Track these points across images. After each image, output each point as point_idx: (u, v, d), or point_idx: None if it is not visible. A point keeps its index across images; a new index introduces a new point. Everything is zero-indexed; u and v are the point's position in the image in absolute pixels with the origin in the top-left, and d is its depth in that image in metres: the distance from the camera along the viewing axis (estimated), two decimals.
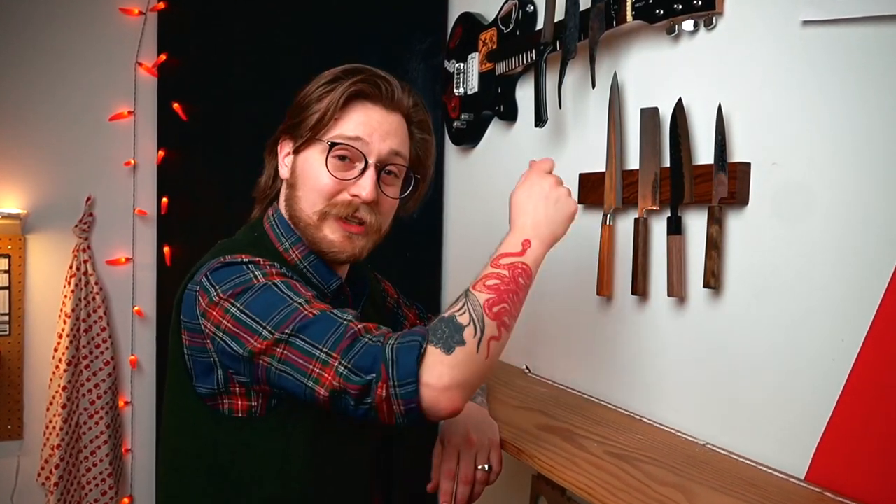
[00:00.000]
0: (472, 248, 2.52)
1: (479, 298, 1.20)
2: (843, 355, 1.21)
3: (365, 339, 1.16)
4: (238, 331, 1.21)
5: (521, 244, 1.30)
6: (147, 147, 2.73)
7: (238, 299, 1.22)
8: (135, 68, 2.72)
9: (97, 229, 2.73)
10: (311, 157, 1.39)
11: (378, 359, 1.13)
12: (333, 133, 1.38)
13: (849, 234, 1.22)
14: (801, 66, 1.30)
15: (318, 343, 1.16)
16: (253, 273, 1.26)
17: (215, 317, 1.24)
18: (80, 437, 2.66)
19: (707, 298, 1.50)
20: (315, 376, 1.15)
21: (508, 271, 1.25)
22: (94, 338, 2.69)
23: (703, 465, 1.33)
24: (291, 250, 1.43)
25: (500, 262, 1.27)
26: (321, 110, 1.37)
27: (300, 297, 1.22)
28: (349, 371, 1.14)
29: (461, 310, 1.19)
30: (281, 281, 1.24)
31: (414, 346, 1.14)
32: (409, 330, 1.18)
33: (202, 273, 1.30)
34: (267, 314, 1.20)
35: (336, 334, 1.16)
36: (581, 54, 1.77)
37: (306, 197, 1.39)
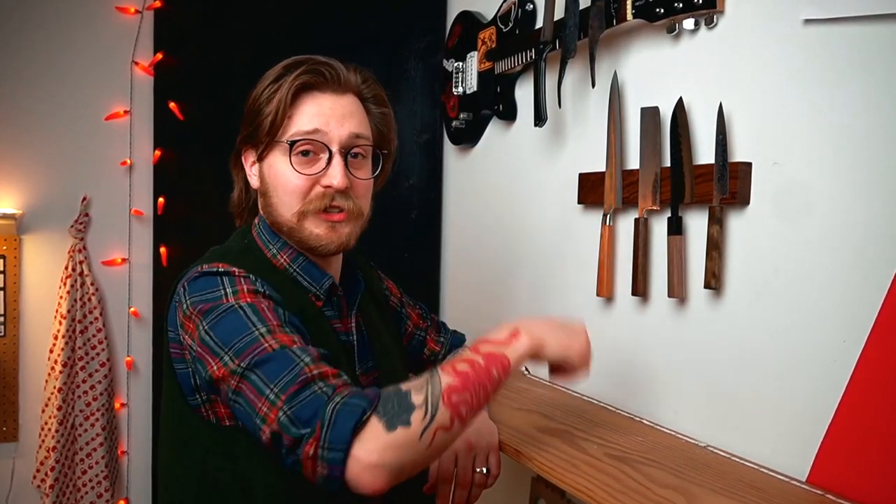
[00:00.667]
0: (471, 248, 2.52)
1: (442, 382, 1.13)
2: (844, 356, 1.21)
3: (315, 387, 1.12)
4: (202, 352, 1.21)
5: (509, 332, 1.25)
6: (143, 147, 2.72)
7: (204, 318, 1.22)
8: (131, 67, 2.72)
9: (93, 230, 2.73)
10: (275, 162, 1.38)
11: (318, 414, 1.09)
12: (290, 132, 1.36)
13: (850, 234, 1.22)
14: (803, 65, 1.30)
15: (270, 382, 1.13)
16: (224, 290, 1.25)
17: (190, 331, 1.25)
18: (75, 440, 2.65)
19: (708, 299, 1.50)
20: (262, 415, 1.12)
21: (484, 360, 1.18)
22: (89, 339, 2.68)
23: (704, 467, 1.33)
24: (279, 255, 1.42)
25: (479, 349, 1.21)
26: (272, 112, 1.36)
27: (263, 326, 1.19)
28: (288, 419, 1.10)
29: (419, 388, 1.12)
30: (248, 303, 1.23)
31: (356, 411, 1.07)
32: (361, 392, 1.12)
33: (182, 283, 1.31)
34: (228, 340, 1.18)
35: (289, 375, 1.13)
36: (581, 53, 1.77)
37: (281, 202, 1.38)
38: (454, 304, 2.66)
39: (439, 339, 1.79)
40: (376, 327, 1.56)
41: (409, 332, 1.75)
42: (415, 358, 1.77)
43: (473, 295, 2.50)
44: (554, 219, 2.01)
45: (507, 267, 2.27)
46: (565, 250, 1.97)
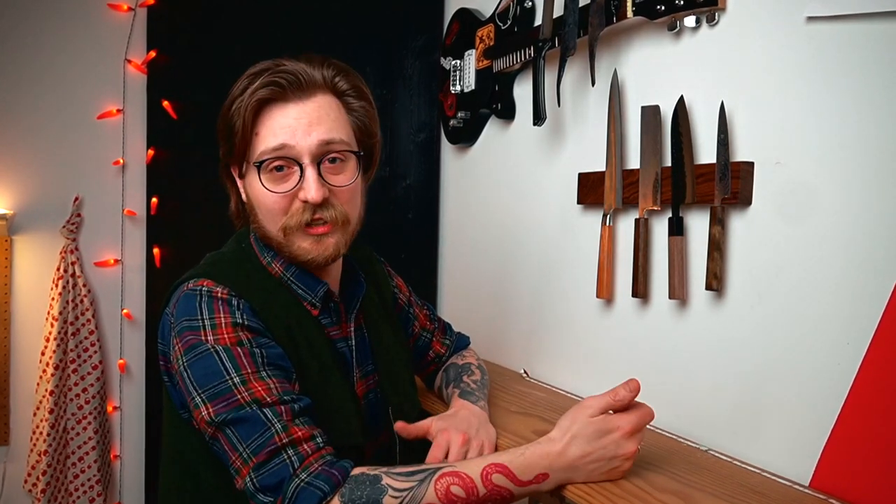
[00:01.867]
0: (469, 249, 2.51)
1: (426, 498, 1.14)
2: (848, 359, 1.20)
3: (283, 456, 1.16)
4: (182, 386, 1.26)
5: (534, 476, 1.18)
6: (136, 146, 2.72)
7: (185, 354, 1.25)
8: (124, 65, 2.71)
9: (85, 230, 2.73)
10: (252, 182, 1.36)
11: (282, 487, 1.15)
12: (259, 150, 1.33)
13: (854, 235, 1.21)
14: (806, 63, 1.30)
15: (243, 442, 1.18)
16: (202, 321, 1.26)
17: (174, 355, 1.28)
18: (67, 443, 2.65)
19: (709, 301, 1.49)
20: (236, 468, 1.19)
21: (487, 492, 1.16)
22: (81, 341, 2.68)
23: (705, 471, 1.33)
24: (273, 264, 1.42)
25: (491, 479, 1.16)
26: (238, 132, 1.33)
27: (237, 375, 1.21)
28: (254, 487, 1.16)
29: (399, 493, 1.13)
30: (224, 347, 1.24)
31: (316, 494, 1.13)
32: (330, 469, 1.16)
33: (173, 301, 1.32)
34: (203, 383, 1.22)
35: (260, 440, 1.17)
36: (580, 51, 1.76)
37: (265, 218, 1.37)
38: (452, 306, 2.66)
39: (444, 341, 1.79)
40: (378, 328, 1.56)
41: (415, 333, 1.74)
42: (420, 359, 1.77)
43: (471, 297, 2.50)
44: (553, 219, 2.01)
45: (506, 268, 2.26)
46: (565, 251, 1.96)
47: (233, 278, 1.33)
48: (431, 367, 1.79)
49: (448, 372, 1.71)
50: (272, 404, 1.20)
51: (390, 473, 1.17)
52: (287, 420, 1.19)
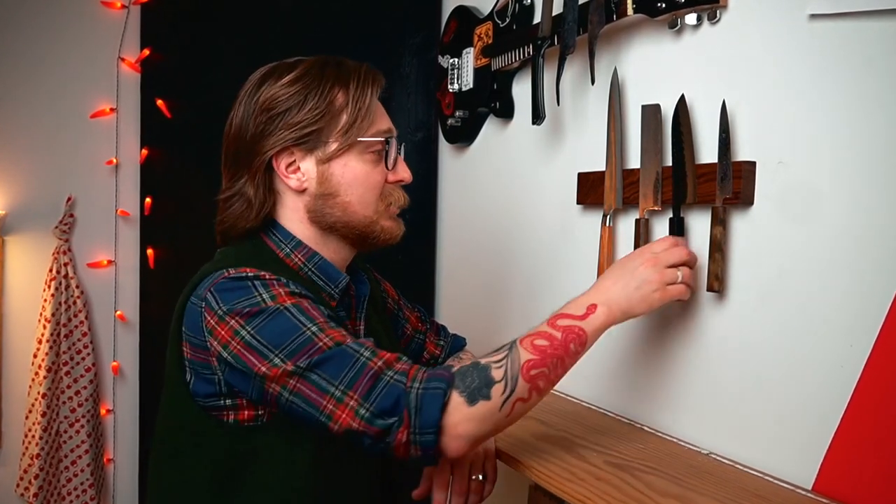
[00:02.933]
0: (467, 250, 2.51)
1: (521, 357, 1.23)
2: (851, 361, 1.20)
3: (386, 377, 1.20)
4: (248, 354, 1.24)
5: (585, 308, 1.32)
6: (130, 145, 2.72)
7: (249, 323, 1.24)
8: (117, 64, 2.72)
9: (78, 231, 2.73)
10: (352, 161, 1.41)
11: (401, 403, 1.18)
12: (372, 131, 1.42)
13: (858, 236, 1.21)
14: (809, 62, 1.30)
15: (333, 380, 1.20)
16: (260, 294, 1.27)
17: (223, 336, 1.26)
18: (60, 447, 2.65)
19: (710, 302, 1.49)
20: (328, 413, 1.20)
21: (562, 334, 1.27)
22: (74, 343, 2.68)
23: (707, 475, 1.32)
24: (293, 255, 1.43)
25: (556, 323, 1.29)
26: (350, 112, 1.39)
27: (313, 324, 1.24)
28: (371, 414, 1.18)
29: (499, 363, 1.22)
30: (292, 304, 1.26)
31: (438, 394, 1.18)
32: (434, 372, 1.22)
33: (206, 288, 1.30)
34: (279, 341, 1.22)
35: (352, 371, 1.20)
36: (580, 49, 1.76)
37: (360, 199, 1.43)
38: (450, 307, 2.66)
39: (439, 343, 1.80)
40: (376, 331, 1.57)
41: (407, 335, 1.75)
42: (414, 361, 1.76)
43: (469, 298, 2.49)
44: (552, 220, 2.01)
45: (504, 269, 2.26)
46: (564, 252, 1.96)
47: (266, 267, 1.34)
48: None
49: None
50: (353, 341, 1.24)
51: (482, 357, 1.26)
52: (371, 347, 1.24)
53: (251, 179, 1.42)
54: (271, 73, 1.42)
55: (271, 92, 1.39)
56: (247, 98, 1.42)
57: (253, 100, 1.41)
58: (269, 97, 1.39)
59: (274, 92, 1.39)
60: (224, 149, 1.47)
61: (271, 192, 1.44)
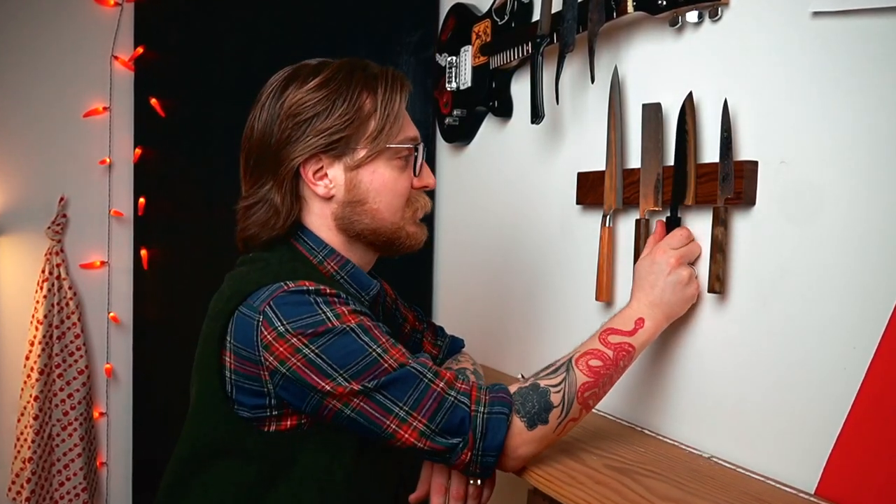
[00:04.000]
0: (465, 251, 2.51)
1: (578, 380, 1.31)
2: (854, 364, 1.20)
3: (450, 398, 1.26)
4: (310, 373, 1.26)
5: (633, 322, 1.39)
6: (123, 145, 2.71)
7: (313, 342, 1.26)
8: (110, 62, 2.71)
9: (71, 231, 2.72)
10: (380, 167, 1.43)
11: (466, 425, 1.25)
12: (399, 137, 1.43)
13: (862, 237, 1.21)
14: (812, 60, 1.29)
15: (398, 401, 1.25)
16: (324, 312, 1.28)
17: (282, 353, 1.27)
18: (52, 450, 2.64)
19: (712, 304, 1.49)
20: (390, 431, 1.25)
21: (614, 353, 1.34)
22: (67, 345, 2.68)
23: (708, 479, 1.32)
24: (326, 262, 1.44)
25: (609, 340, 1.36)
26: (379, 118, 1.40)
27: (377, 345, 1.27)
28: (435, 434, 1.25)
29: (558, 387, 1.30)
30: (357, 324, 1.28)
31: (502, 419, 1.26)
32: (496, 394, 1.29)
33: (263, 301, 1.29)
34: (345, 362, 1.25)
35: (417, 392, 1.25)
36: (580, 47, 1.76)
37: (388, 206, 1.44)
38: (447, 309, 2.65)
39: (436, 343, 1.80)
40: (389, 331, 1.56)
41: (405, 334, 1.75)
42: None
43: (467, 299, 2.49)
44: (551, 220, 2.01)
45: (503, 270, 2.26)
46: (563, 253, 1.96)
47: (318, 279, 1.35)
48: None
49: None
50: (415, 361, 1.29)
51: (539, 377, 1.33)
52: (433, 367, 1.30)
53: (278, 186, 1.41)
54: (295, 77, 1.41)
55: (297, 97, 1.38)
56: (270, 102, 1.40)
57: (277, 104, 1.39)
58: (296, 102, 1.38)
59: (300, 97, 1.38)
60: (245, 154, 1.46)
61: (297, 199, 1.44)
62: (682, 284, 1.42)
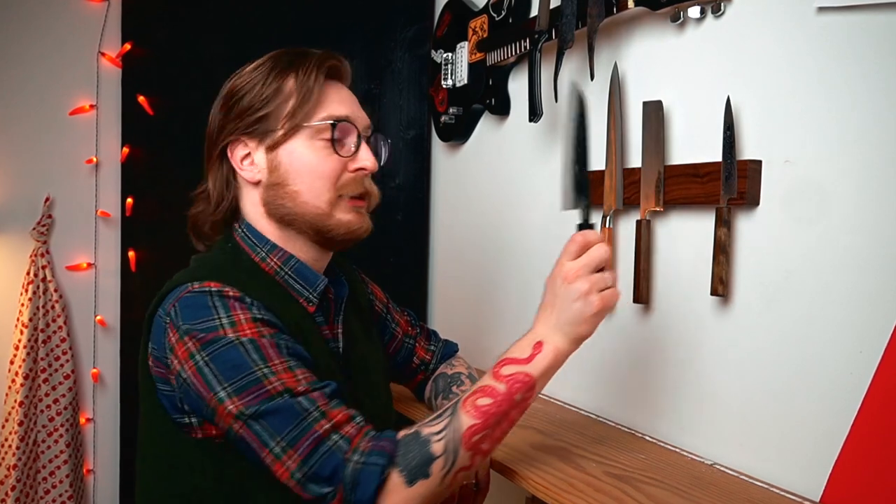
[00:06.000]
0: (461, 252, 2.51)
1: (463, 425, 1.20)
2: (860, 368, 1.20)
3: (329, 441, 1.18)
4: (197, 382, 1.23)
5: (531, 347, 1.26)
6: (110, 144, 2.71)
7: (204, 348, 1.23)
8: (97, 59, 2.70)
9: (56, 232, 2.71)
10: (298, 148, 1.40)
11: (338, 475, 1.16)
12: (320, 115, 1.40)
13: (867, 237, 1.21)
14: (816, 56, 1.29)
15: (276, 435, 1.18)
16: (220, 317, 1.25)
17: (181, 356, 1.25)
18: (38, 457, 2.63)
19: (714, 307, 1.49)
20: (267, 463, 1.19)
21: (507, 386, 1.22)
22: (53, 349, 2.67)
23: (711, 486, 1.32)
24: (269, 258, 1.42)
25: (502, 373, 1.24)
26: (297, 96, 1.38)
27: (265, 364, 1.22)
28: (305, 478, 1.17)
29: (440, 434, 1.19)
30: (248, 339, 1.24)
31: (375, 471, 1.15)
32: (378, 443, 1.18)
33: (171, 302, 1.30)
34: (229, 375, 1.21)
35: (297, 430, 1.18)
36: (579, 43, 1.76)
37: (310, 188, 1.40)
38: (443, 311, 2.65)
39: (430, 348, 1.79)
40: (355, 334, 1.56)
41: (397, 339, 1.74)
42: (404, 366, 1.76)
43: (463, 301, 2.49)
44: (550, 220, 2.00)
45: (500, 272, 2.26)
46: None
47: (236, 279, 1.32)
48: (419, 376, 1.78)
49: (437, 382, 1.71)
50: (305, 392, 1.21)
51: (424, 424, 1.22)
52: (323, 405, 1.21)
53: (213, 173, 1.46)
54: (242, 68, 1.45)
55: (232, 82, 1.43)
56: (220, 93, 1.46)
57: (221, 93, 1.45)
58: (230, 88, 1.43)
59: (234, 82, 1.43)
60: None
61: (230, 186, 1.46)
62: (580, 300, 1.24)
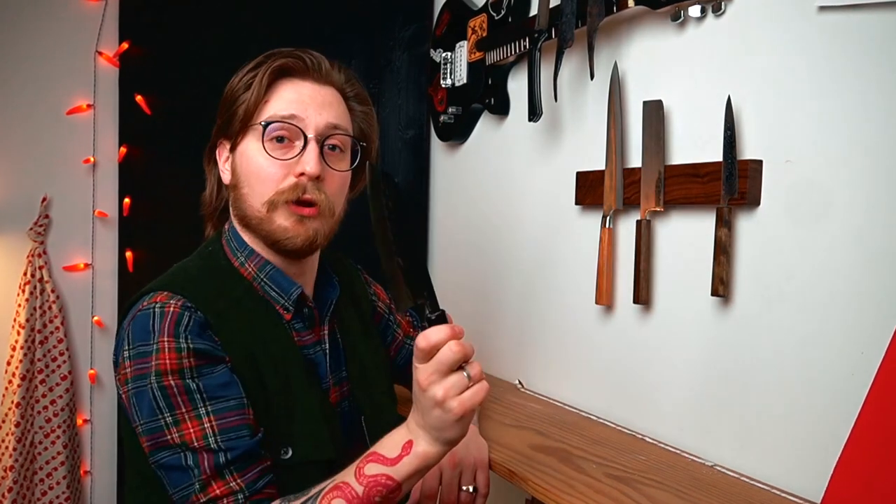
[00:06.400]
0: (460, 253, 2.50)
1: None
2: (862, 369, 1.20)
3: None
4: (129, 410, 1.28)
5: (400, 447, 1.16)
6: (108, 143, 2.70)
7: (134, 380, 1.25)
8: (94, 58, 2.70)
9: (53, 232, 2.71)
10: (247, 149, 1.39)
11: None
12: (265, 115, 1.37)
13: (869, 238, 1.21)
14: (818, 55, 1.29)
15: (171, 486, 1.23)
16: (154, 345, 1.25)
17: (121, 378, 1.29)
18: (35, 458, 2.63)
19: (715, 308, 1.48)
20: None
21: (365, 490, 1.15)
22: (50, 350, 2.66)
23: (711, 487, 1.32)
24: (247, 263, 1.42)
25: (364, 472, 1.16)
26: (247, 97, 1.38)
27: (171, 414, 1.23)
28: None
29: None
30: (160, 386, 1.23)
31: None
32: None
33: (130, 315, 1.31)
34: (144, 414, 1.24)
35: (183, 493, 1.21)
36: (579, 42, 1.76)
37: (253, 191, 1.38)
38: None
39: None
40: (353, 334, 1.55)
41: (398, 340, 1.74)
42: (406, 368, 1.75)
43: (463, 303, 2.48)
44: (549, 221, 2.00)
45: (499, 273, 2.26)
46: (562, 255, 1.96)
47: (192, 287, 1.32)
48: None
49: None
50: (199, 451, 1.22)
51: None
52: (207, 476, 1.21)
53: (210, 168, 1.51)
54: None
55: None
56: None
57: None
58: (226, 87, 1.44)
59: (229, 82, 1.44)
60: None
61: (220, 187, 1.49)
62: (437, 408, 1.12)
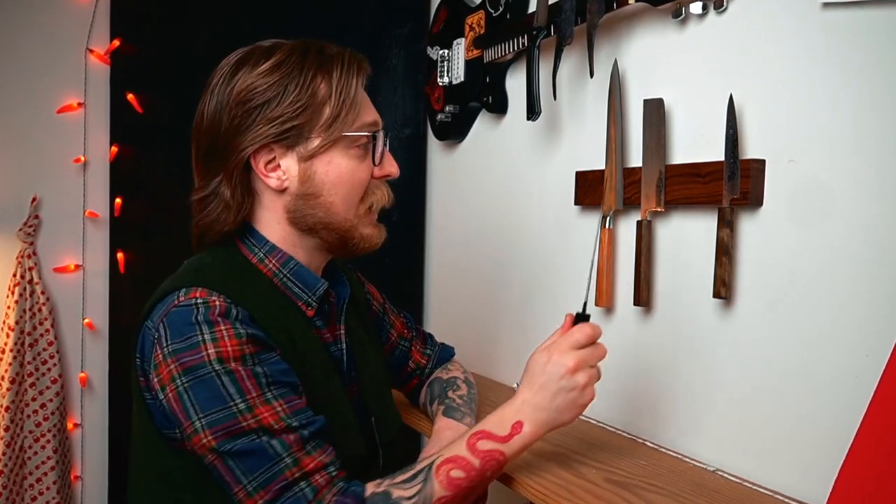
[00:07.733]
0: (458, 253, 2.50)
1: (434, 494, 1.22)
2: (867, 371, 1.20)
3: (296, 489, 1.19)
4: (176, 407, 1.23)
5: (511, 426, 1.28)
6: (98, 142, 2.70)
7: (184, 374, 1.22)
8: (85, 55, 2.70)
9: (43, 233, 2.71)
10: (336, 157, 1.37)
11: None
12: (356, 124, 1.38)
13: (873, 238, 1.21)
14: (821, 53, 1.29)
15: (247, 474, 1.19)
16: (203, 336, 1.23)
17: (163, 378, 1.24)
18: (24, 463, 2.63)
19: (717, 309, 1.48)
20: (239, 497, 1.20)
21: (481, 462, 1.25)
22: (40, 353, 2.66)
23: (713, 493, 1.32)
24: (267, 260, 1.40)
25: (478, 447, 1.26)
26: (333, 104, 1.35)
27: (242, 399, 1.21)
28: None
29: (410, 501, 1.21)
30: (227, 370, 1.22)
31: None
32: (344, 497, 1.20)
33: (160, 315, 1.27)
34: (206, 406, 1.21)
35: (267, 474, 1.19)
36: (578, 40, 1.76)
37: (344, 199, 1.39)
38: (439, 314, 2.65)
39: (426, 352, 1.78)
40: (358, 336, 1.55)
41: (392, 342, 1.74)
42: (399, 370, 1.76)
43: (459, 305, 2.48)
44: (548, 221, 2.00)
45: (497, 274, 2.25)
46: (561, 256, 1.96)
47: (225, 283, 1.30)
48: (414, 381, 1.78)
49: (432, 387, 1.71)
50: (281, 432, 1.20)
51: (395, 485, 1.22)
52: (297, 451, 1.20)
53: (227, 179, 1.37)
54: (247, 60, 1.36)
55: (247, 82, 1.33)
56: (220, 87, 1.36)
57: (227, 89, 1.35)
58: (246, 87, 1.33)
59: (251, 82, 1.33)
60: (195, 143, 1.41)
61: (249, 192, 1.39)
62: (576, 392, 1.29)
